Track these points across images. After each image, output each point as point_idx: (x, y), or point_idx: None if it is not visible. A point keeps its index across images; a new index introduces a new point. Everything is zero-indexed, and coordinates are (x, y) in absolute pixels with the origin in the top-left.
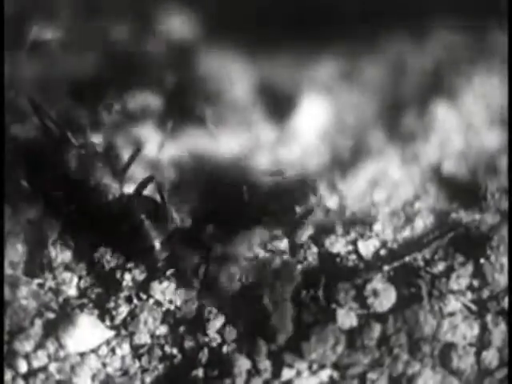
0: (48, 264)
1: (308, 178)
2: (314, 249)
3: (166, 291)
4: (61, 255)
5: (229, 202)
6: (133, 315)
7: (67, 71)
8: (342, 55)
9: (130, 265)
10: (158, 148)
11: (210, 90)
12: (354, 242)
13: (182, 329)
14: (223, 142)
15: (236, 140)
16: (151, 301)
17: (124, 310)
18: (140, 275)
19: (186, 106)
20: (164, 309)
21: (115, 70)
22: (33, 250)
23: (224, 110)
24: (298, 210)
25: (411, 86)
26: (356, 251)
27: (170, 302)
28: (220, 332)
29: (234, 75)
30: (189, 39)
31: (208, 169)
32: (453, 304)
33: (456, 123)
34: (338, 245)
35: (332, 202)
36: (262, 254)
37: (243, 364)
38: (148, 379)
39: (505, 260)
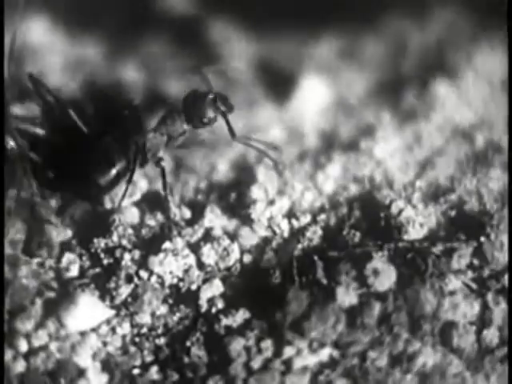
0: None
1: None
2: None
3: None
4: (61, 234)
5: None
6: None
7: None
8: (343, 33)
9: None
10: None
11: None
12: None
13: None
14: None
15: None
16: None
17: (124, 290)
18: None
19: None
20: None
21: None
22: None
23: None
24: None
25: (412, 65)
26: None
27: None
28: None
29: (236, 53)
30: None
31: None
32: (453, 283)
33: (456, 101)
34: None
35: (328, 185)
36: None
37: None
38: (148, 358)
39: (505, 238)
